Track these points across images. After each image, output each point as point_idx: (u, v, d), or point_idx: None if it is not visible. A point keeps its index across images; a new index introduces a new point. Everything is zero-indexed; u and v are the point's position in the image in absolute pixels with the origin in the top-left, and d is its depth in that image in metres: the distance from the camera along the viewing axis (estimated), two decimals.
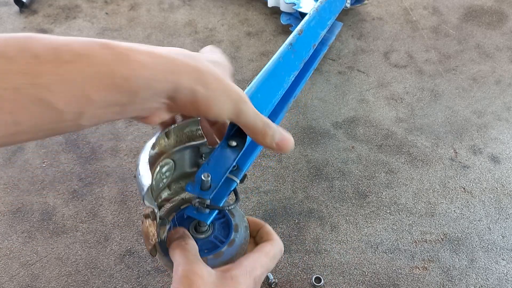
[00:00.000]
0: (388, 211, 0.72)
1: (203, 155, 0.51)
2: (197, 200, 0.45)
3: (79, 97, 0.28)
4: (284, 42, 0.76)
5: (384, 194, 0.74)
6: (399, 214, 0.72)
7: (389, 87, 0.91)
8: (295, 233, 0.69)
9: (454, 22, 1.04)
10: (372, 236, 0.69)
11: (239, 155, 0.50)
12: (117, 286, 0.64)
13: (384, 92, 0.90)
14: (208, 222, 0.46)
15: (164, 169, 0.44)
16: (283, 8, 1.01)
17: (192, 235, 0.45)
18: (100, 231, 0.69)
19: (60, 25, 1.04)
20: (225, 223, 0.51)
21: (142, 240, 0.68)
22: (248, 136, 0.49)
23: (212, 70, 0.34)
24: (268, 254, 0.42)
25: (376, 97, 0.89)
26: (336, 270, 0.65)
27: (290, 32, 0.77)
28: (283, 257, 0.66)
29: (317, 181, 0.75)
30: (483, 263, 0.66)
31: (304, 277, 0.65)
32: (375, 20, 1.05)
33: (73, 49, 0.28)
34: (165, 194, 0.48)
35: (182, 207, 0.49)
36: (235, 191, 0.51)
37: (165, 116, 0.36)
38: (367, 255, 0.67)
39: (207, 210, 0.45)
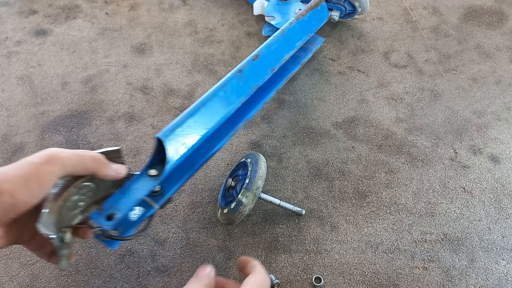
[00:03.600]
0: (388, 211, 0.72)
1: (126, 178, 0.54)
2: (98, 228, 0.49)
3: None
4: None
5: (384, 194, 0.74)
6: (399, 214, 0.72)
7: (389, 87, 0.91)
8: (295, 233, 0.69)
9: (454, 22, 1.04)
10: (372, 236, 0.69)
11: (155, 185, 0.53)
12: (117, 286, 0.64)
13: (384, 92, 0.90)
14: (113, 248, 0.50)
15: (83, 191, 0.49)
16: (267, 18, 0.95)
17: None
18: None
19: (60, 25, 1.04)
20: None
21: (142, 240, 0.68)
22: (170, 165, 0.53)
23: None
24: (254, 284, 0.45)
25: (376, 97, 0.89)
26: (336, 270, 0.65)
27: None
28: (283, 257, 0.67)
29: (317, 181, 0.75)
30: (483, 263, 0.66)
31: (304, 277, 0.65)
32: (375, 20, 1.05)
33: None
34: (92, 209, 0.52)
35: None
36: (150, 217, 0.54)
37: None
38: (367, 255, 0.67)
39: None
